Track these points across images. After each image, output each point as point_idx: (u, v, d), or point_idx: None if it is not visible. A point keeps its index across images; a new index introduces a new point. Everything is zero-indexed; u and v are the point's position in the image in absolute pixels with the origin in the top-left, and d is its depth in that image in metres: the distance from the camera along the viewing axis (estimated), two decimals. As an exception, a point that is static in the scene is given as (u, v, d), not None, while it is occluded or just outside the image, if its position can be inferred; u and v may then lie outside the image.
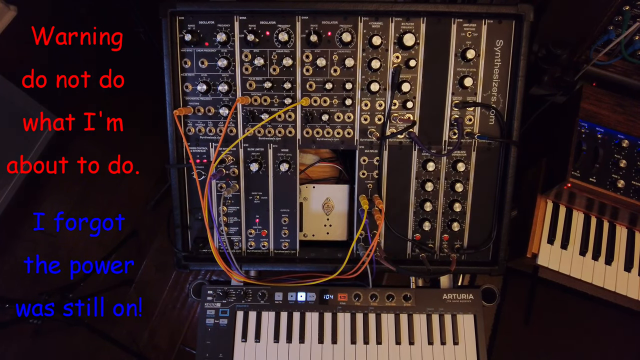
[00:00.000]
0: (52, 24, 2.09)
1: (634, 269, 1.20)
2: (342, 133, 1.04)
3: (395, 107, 1.02)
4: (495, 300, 1.08)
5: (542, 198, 1.25)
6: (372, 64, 0.98)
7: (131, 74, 2.19)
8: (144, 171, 2.23)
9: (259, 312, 1.07)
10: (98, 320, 1.94)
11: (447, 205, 1.07)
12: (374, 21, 0.99)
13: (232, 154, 1.05)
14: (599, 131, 1.14)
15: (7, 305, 1.69)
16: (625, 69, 1.21)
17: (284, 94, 1.02)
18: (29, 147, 2.15)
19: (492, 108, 1.01)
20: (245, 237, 1.09)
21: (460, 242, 1.09)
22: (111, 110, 2.25)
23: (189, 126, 1.04)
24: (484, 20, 0.98)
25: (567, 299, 1.93)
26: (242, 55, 1.00)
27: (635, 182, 1.11)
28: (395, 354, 1.04)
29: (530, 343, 1.91)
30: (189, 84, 1.02)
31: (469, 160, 1.05)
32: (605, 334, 1.91)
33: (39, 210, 2.17)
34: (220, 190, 1.06)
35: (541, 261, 1.20)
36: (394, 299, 1.07)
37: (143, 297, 2.03)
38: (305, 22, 0.99)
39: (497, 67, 1.00)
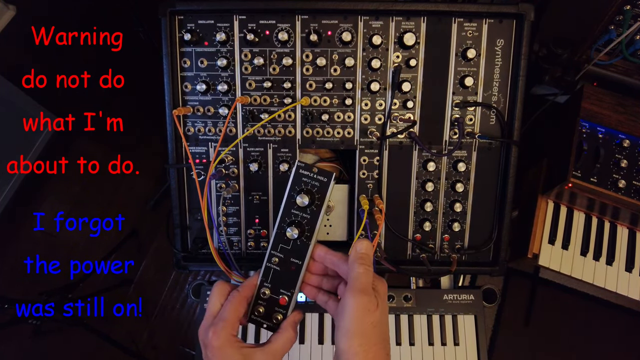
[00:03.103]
0: (52, 24, 2.09)
1: (635, 269, 1.20)
2: (342, 133, 1.03)
3: (395, 106, 1.02)
4: (496, 301, 1.08)
5: (543, 198, 1.25)
6: (372, 63, 0.98)
7: (131, 74, 2.19)
8: (144, 171, 2.23)
9: (258, 313, 1.06)
10: (98, 320, 1.94)
11: (448, 206, 1.06)
12: (374, 20, 0.98)
13: (231, 154, 1.05)
14: (600, 131, 1.14)
15: (7, 305, 1.69)
16: (626, 68, 1.21)
17: (284, 93, 1.01)
18: (29, 147, 2.15)
19: (493, 108, 1.01)
20: (245, 238, 1.09)
21: (461, 243, 1.08)
22: (111, 110, 2.26)
23: (189, 126, 1.04)
24: (485, 19, 0.98)
25: (568, 299, 1.92)
26: (241, 54, 1.00)
27: (637, 182, 1.10)
28: (395, 354, 1.04)
29: (531, 343, 1.90)
30: (188, 83, 1.02)
31: (469, 160, 1.04)
32: (605, 334, 1.91)
33: (39, 210, 2.17)
34: (220, 190, 1.06)
35: (542, 261, 1.20)
36: (394, 299, 1.06)
37: (143, 297, 2.03)
38: (305, 22, 0.98)
39: (498, 67, 1.00)
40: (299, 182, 0.69)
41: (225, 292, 0.68)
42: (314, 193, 0.68)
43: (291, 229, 0.66)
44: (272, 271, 0.68)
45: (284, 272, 0.68)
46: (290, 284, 0.67)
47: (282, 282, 0.68)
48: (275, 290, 0.68)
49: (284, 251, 0.68)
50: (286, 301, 0.67)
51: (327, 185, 0.67)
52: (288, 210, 0.68)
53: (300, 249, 0.67)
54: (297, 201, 0.67)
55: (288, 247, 0.68)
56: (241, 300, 0.66)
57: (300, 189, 0.68)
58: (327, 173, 0.68)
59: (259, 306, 0.68)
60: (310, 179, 0.69)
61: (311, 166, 0.69)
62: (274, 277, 0.68)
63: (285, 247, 0.68)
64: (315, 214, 0.67)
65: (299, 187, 0.69)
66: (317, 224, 0.67)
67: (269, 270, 0.68)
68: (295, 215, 0.68)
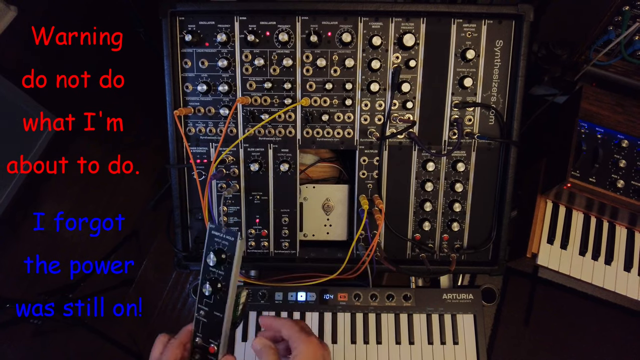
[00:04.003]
0: (52, 24, 2.09)
1: (633, 269, 1.20)
2: (342, 133, 1.04)
3: (395, 107, 1.02)
4: (495, 300, 1.08)
5: (542, 198, 1.25)
6: (372, 64, 0.98)
7: (131, 74, 2.19)
8: (144, 171, 2.23)
9: (259, 312, 1.07)
10: (98, 320, 1.93)
11: (447, 205, 1.07)
12: (374, 21, 0.99)
13: (232, 154, 1.05)
14: (599, 131, 1.14)
15: (7, 305, 1.69)
16: (625, 69, 1.21)
17: (284, 94, 1.02)
18: (29, 147, 2.15)
19: (492, 108, 1.02)
20: (246, 237, 1.09)
21: (460, 242, 1.09)
22: (111, 110, 2.25)
23: (189, 126, 1.04)
24: (484, 20, 0.98)
25: (567, 299, 1.93)
26: (242, 55, 1.00)
27: (635, 182, 1.11)
28: (395, 353, 1.04)
29: (530, 343, 1.91)
30: (189, 84, 1.02)
31: (468, 161, 1.05)
32: (605, 334, 1.91)
33: (39, 210, 2.16)
34: (221, 190, 1.06)
35: (541, 261, 1.20)
36: (394, 298, 1.07)
37: (143, 297, 2.03)
38: (305, 23, 0.99)
39: (497, 67, 1.00)
40: (212, 242, 0.75)
41: (165, 340, 0.74)
42: (224, 252, 0.74)
43: (205, 286, 0.73)
44: (201, 322, 0.75)
45: (209, 323, 0.74)
46: (216, 334, 0.74)
47: (210, 333, 0.74)
48: (206, 340, 0.75)
49: (208, 305, 0.75)
50: (215, 350, 0.74)
51: (234, 243, 0.73)
52: (205, 268, 0.75)
53: (219, 302, 0.74)
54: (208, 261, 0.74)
55: (210, 301, 0.74)
56: (178, 345, 0.72)
57: (212, 249, 0.75)
58: (233, 233, 0.74)
59: (195, 353, 0.75)
60: (221, 239, 0.75)
61: (221, 226, 0.75)
62: (203, 328, 0.75)
63: (208, 301, 0.75)
64: (228, 270, 0.73)
65: (212, 246, 0.75)
66: (230, 279, 0.73)
67: (199, 322, 0.75)
68: (212, 273, 0.74)
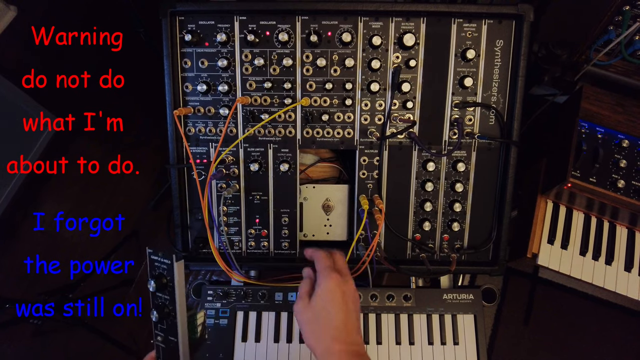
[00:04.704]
0: (52, 24, 2.09)
1: (634, 269, 1.20)
2: (342, 133, 1.04)
3: (395, 107, 1.02)
4: (495, 301, 1.08)
5: (542, 198, 1.25)
6: (372, 64, 0.98)
7: (131, 74, 2.19)
8: (144, 171, 2.23)
9: (259, 312, 1.07)
10: (98, 320, 1.93)
11: (447, 206, 1.07)
12: (374, 21, 0.99)
13: (232, 154, 1.05)
14: (599, 131, 1.14)
15: (7, 305, 1.69)
16: (626, 69, 1.21)
17: (284, 94, 1.02)
18: (29, 147, 2.15)
19: (492, 108, 1.01)
20: (246, 237, 1.09)
21: (461, 242, 1.09)
22: (111, 110, 2.25)
23: (189, 126, 1.04)
24: (484, 20, 0.98)
25: (567, 299, 1.93)
26: (242, 55, 1.00)
27: (636, 182, 1.10)
28: (395, 353, 1.04)
29: (530, 343, 1.91)
30: (189, 84, 1.02)
31: (469, 161, 1.05)
32: (605, 334, 1.91)
33: (39, 210, 2.16)
34: (221, 190, 1.06)
35: (541, 261, 1.20)
36: (394, 299, 1.07)
37: (143, 297, 2.03)
38: (305, 22, 0.99)
39: (497, 67, 1.00)
40: (153, 267, 0.75)
41: None
42: (164, 276, 0.73)
43: (152, 312, 0.73)
44: (161, 348, 0.76)
45: (167, 348, 0.75)
46: (175, 357, 0.74)
47: (170, 357, 0.75)
48: None
49: (163, 330, 0.75)
50: None
51: (171, 266, 0.72)
52: (154, 294, 0.75)
53: (171, 327, 0.74)
54: (148, 286, 0.74)
55: (164, 326, 0.74)
56: None
57: (152, 274, 0.74)
58: (168, 255, 0.72)
59: None
60: (160, 263, 0.74)
61: (158, 251, 0.74)
62: (163, 353, 0.76)
63: (162, 327, 0.75)
64: (172, 294, 0.73)
65: (153, 272, 0.74)
66: (176, 302, 0.72)
67: (159, 348, 0.76)
68: (158, 298, 0.74)
